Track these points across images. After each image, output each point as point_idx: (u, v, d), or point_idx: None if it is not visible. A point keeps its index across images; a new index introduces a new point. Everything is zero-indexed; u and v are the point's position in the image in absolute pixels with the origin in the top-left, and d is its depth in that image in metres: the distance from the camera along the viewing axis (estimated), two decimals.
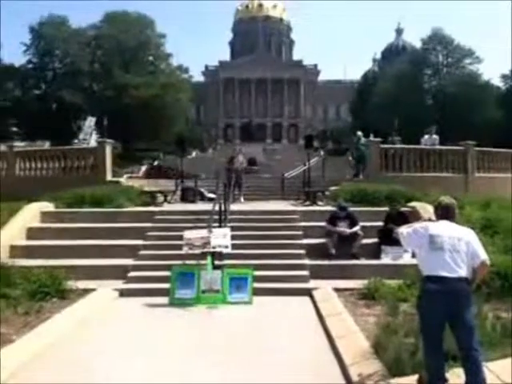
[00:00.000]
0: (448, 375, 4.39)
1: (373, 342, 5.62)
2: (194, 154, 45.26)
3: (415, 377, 4.60)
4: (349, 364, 5.24)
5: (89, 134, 26.99)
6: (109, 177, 16.20)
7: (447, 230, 4.38)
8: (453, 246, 4.28)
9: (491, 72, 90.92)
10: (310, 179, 16.08)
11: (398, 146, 18.68)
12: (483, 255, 4.37)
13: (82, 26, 46.60)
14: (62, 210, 11.94)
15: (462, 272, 4.24)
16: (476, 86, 50.13)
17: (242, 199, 15.35)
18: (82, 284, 8.51)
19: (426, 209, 11.24)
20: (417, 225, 4.70)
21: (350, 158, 19.25)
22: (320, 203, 13.32)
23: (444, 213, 4.58)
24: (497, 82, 53.53)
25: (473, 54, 54.30)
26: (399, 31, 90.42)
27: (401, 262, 9.39)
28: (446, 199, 4.68)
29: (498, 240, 9.17)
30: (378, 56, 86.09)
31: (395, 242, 9.74)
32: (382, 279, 8.17)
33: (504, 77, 51.87)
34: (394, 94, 49.11)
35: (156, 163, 14.61)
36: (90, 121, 28.58)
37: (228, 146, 41.89)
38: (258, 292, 8.24)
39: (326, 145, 42.64)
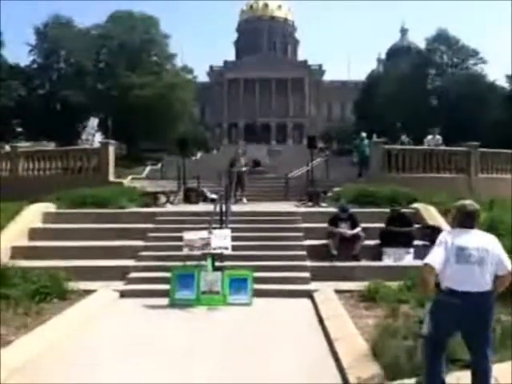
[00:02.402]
0: (447, 379, 4.38)
1: (371, 344, 5.60)
2: (198, 154, 45.28)
3: (412, 380, 4.57)
4: (347, 367, 5.21)
5: (91, 135, 27.01)
6: (111, 177, 16.25)
7: (474, 241, 4.12)
8: (480, 259, 4.05)
9: (496, 73, 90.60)
10: (313, 180, 16.06)
11: (399, 146, 18.60)
12: (509, 265, 4.16)
13: (87, 25, 46.79)
14: (63, 210, 11.97)
15: (488, 286, 4.10)
16: (481, 87, 49.84)
17: (245, 200, 15.33)
18: (82, 285, 8.54)
19: (429, 210, 11.22)
20: (443, 234, 4.39)
21: (355, 159, 19.26)
22: (323, 204, 13.29)
23: (469, 220, 4.24)
24: (502, 82, 53.25)
25: (477, 55, 54.02)
26: (404, 31, 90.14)
27: (402, 263, 9.38)
28: (470, 204, 4.30)
29: (501, 242, 9.09)
30: (383, 56, 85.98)
31: (397, 243, 9.81)
32: (383, 281, 8.14)
33: (509, 77, 51.51)
34: (398, 94, 48.92)
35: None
36: (93, 121, 28.61)
37: (232, 147, 41.86)
38: (258, 293, 8.23)
39: (330, 145, 42.57)
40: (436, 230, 8.17)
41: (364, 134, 18.91)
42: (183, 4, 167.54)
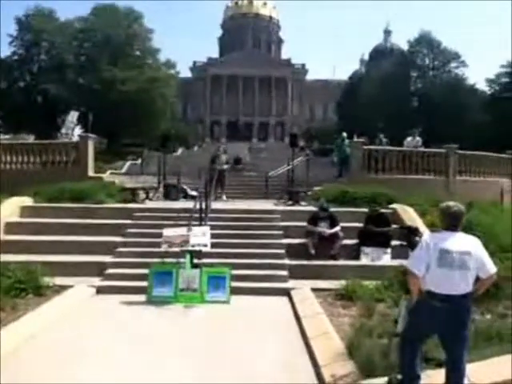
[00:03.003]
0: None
1: (347, 343, 5.65)
2: (179, 150, 45.02)
3: (386, 379, 4.63)
4: (322, 365, 5.27)
5: (71, 129, 26.65)
6: (91, 172, 16.06)
7: (457, 244, 4.14)
8: (462, 263, 4.09)
9: (477, 76, 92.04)
10: (293, 179, 16.11)
11: (385, 147, 18.75)
12: (492, 269, 4.21)
13: (70, 18, 46.18)
14: (41, 204, 11.81)
15: (468, 288, 4.15)
16: (461, 90, 50.59)
17: (225, 197, 15.32)
18: (59, 280, 8.44)
19: (407, 211, 11.35)
20: (426, 237, 4.49)
21: (335, 159, 19.34)
22: (302, 203, 13.35)
23: (453, 222, 4.25)
24: (482, 86, 54.07)
25: (459, 58, 54.77)
26: (387, 33, 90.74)
27: (380, 263, 9.49)
28: (455, 206, 4.32)
29: None
30: (366, 57, 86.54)
31: (375, 243, 9.91)
32: (361, 280, 8.19)
33: (489, 81, 52.35)
34: (380, 95, 49.35)
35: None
36: (73, 115, 28.22)
37: (214, 144, 41.77)
38: (236, 291, 8.22)
39: (311, 144, 42.71)
40: (413, 231, 8.31)
41: (345, 134, 19.00)
42: None
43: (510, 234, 9.42)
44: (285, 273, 9.11)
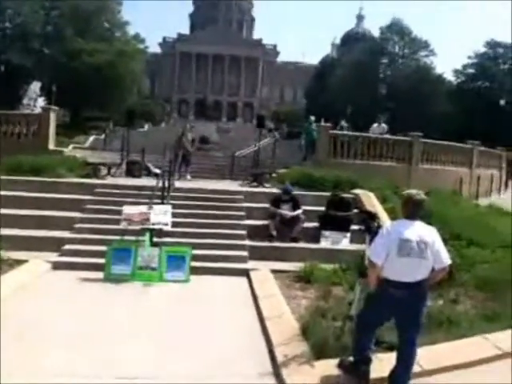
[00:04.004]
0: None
1: (301, 324, 5.72)
2: (146, 127, 44.37)
3: (337, 360, 4.72)
4: (276, 344, 5.32)
5: (33, 100, 25.88)
6: (51, 145, 15.65)
7: (416, 234, 4.20)
8: (420, 253, 4.16)
9: (445, 66, 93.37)
10: (259, 160, 16.10)
11: (350, 132, 18.89)
12: (446, 260, 4.29)
13: None
14: None
15: (424, 276, 4.22)
16: (429, 79, 51.41)
17: (189, 177, 15.17)
18: (14, 255, 8.21)
19: (368, 197, 11.50)
20: (386, 225, 4.56)
21: (302, 142, 19.42)
22: (267, 185, 13.35)
23: (415, 210, 4.33)
24: (449, 75, 55.05)
25: (428, 47, 55.55)
26: (360, 18, 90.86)
27: (339, 247, 9.61)
28: (417, 194, 4.38)
29: None
30: (338, 41, 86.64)
31: (335, 227, 10.01)
32: (319, 263, 8.30)
33: (456, 72, 53.32)
34: (349, 80, 49.72)
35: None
36: (35, 86, 27.40)
37: (182, 121, 41.27)
38: (196, 271, 8.19)
39: (280, 126, 42.72)
40: (371, 216, 8.38)
41: (313, 118, 19.07)
42: None
43: (465, 222, 9.70)
44: (245, 253, 9.12)
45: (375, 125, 19.43)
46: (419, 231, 4.24)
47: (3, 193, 10.61)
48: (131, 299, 7.13)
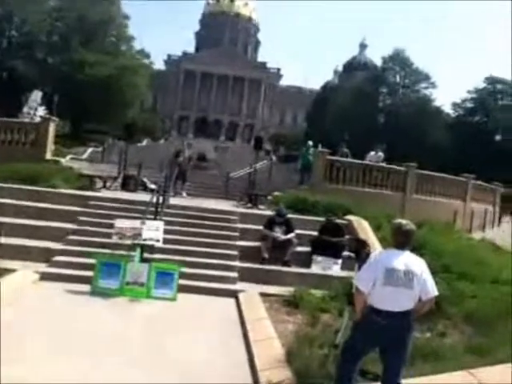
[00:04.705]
0: None
1: (287, 349, 5.67)
2: (144, 142, 44.50)
3: None
4: (260, 369, 5.26)
5: (33, 109, 25.92)
6: (48, 155, 15.65)
7: (403, 263, 4.19)
8: (407, 283, 4.14)
9: (444, 99, 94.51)
10: (254, 182, 16.11)
11: (347, 159, 18.97)
12: (433, 291, 4.26)
13: None
14: None
15: (410, 306, 4.21)
16: (428, 111, 51.91)
17: (185, 194, 15.18)
18: (3, 263, 8.14)
19: (361, 224, 11.50)
20: (374, 254, 4.56)
21: (299, 166, 19.47)
22: (261, 207, 13.36)
23: (404, 240, 4.31)
24: (447, 108, 55.66)
25: (429, 79, 56.23)
26: (363, 46, 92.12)
27: (329, 272, 9.56)
28: (407, 224, 4.36)
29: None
30: (340, 68, 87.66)
31: (327, 252, 9.99)
32: (309, 288, 8.25)
33: (455, 105, 53.96)
34: (349, 107, 50.16)
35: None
36: (36, 94, 27.48)
37: (181, 138, 41.44)
38: (184, 289, 8.13)
39: (277, 149, 42.92)
40: (362, 244, 8.39)
41: (310, 143, 19.18)
42: None
43: (457, 255, 9.69)
44: (235, 275, 9.07)
45: (372, 152, 19.55)
46: (407, 261, 4.24)
47: None
48: (116, 315, 7.05)
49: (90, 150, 28.75)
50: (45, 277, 8.25)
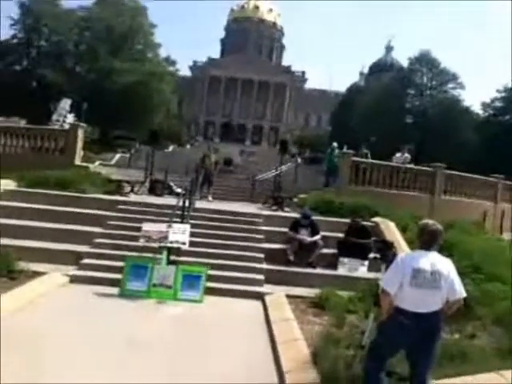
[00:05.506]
0: None
1: (313, 351, 5.65)
2: (171, 147, 44.92)
3: None
4: (286, 371, 5.26)
5: (63, 116, 26.45)
6: (77, 161, 15.99)
7: (430, 264, 4.15)
8: (434, 283, 4.12)
9: (473, 99, 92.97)
10: (280, 184, 16.13)
11: (373, 160, 18.80)
12: (461, 292, 4.22)
13: (73, 6, 46.06)
14: (23, 189, 11.74)
15: (438, 307, 4.17)
16: (456, 112, 50.96)
17: (211, 198, 15.29)
18: (34, 266, 8.36)
19: (388, 225, 11.40)
20: (401, 255, 4.52)
21: (325, 168, 19.40)
22: (286, 209, 13.36)
23: (430, 240, 4.27)
24: (477, 108, 54.59)
25: (456, 80, 55.25)
26: (389, 48, 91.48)
27: (356, 274, 9.50)
28: (433, 224, 4.33)
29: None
30: (366, 70, 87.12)
31: (353, 254, 9.93)
32: (335, 290, 8.22)
33: (484, 105, 52.88)
34: (375, 109, 49.62)
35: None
36: (65, 102, 28.04)
37: (207, 143, 41.72)
38: (211, 292, 8.20)
39: (303, 151, 42.81)
40: (389, 246, 8.30)
41: (335, 145, 19.10)
42: None
43: (486, 256, 9.50)
44: (261, 277, 9.09)
45: (398, 154, 19.31)
46: (434, 261, 4.19)
47: (28, 205, 10.87)
48: (144, 316, 7.17)
49: (118, 155, 29.19)
50: (74, 279, 8.43)
